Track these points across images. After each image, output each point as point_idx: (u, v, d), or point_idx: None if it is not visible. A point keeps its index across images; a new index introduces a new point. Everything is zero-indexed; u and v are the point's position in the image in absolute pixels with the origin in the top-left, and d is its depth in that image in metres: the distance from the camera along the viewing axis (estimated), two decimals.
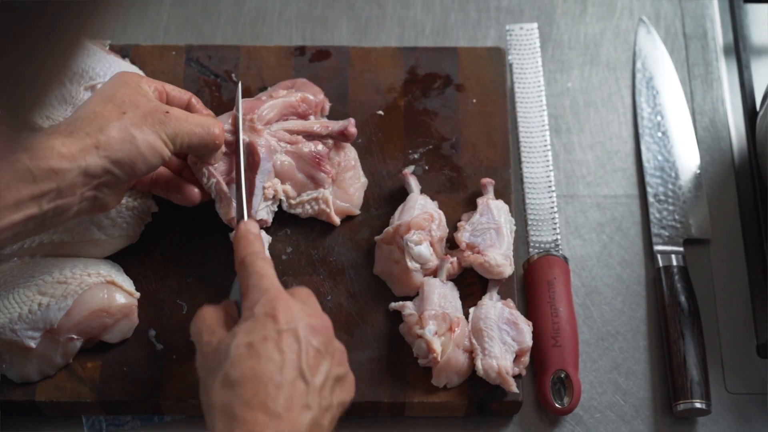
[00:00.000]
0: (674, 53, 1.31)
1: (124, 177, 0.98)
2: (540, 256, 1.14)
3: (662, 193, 1.21)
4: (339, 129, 1.13)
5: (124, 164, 0.97)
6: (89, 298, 1.06)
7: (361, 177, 1.17)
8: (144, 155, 0.98)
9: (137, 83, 1.03)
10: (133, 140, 0.97)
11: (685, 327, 1.12)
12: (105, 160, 0.96)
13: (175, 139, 1.00)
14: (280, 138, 1.11)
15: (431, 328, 1.06)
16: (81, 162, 0.94)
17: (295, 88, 1.17)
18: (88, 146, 0.95)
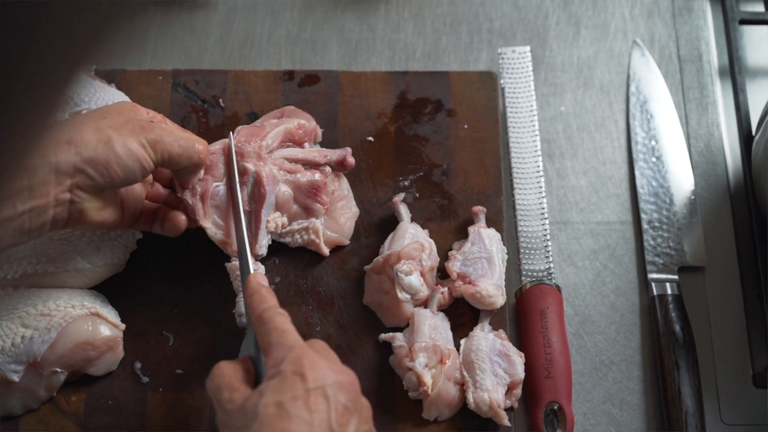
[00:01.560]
0: (669, 76, 1.29)
1: (100, 180, 0.95)
2: (532, 285, 1.13)
3: (657, 219, 1.20)
4: (338, 158, 1.12)
5: (98, 164, 0.94)
6: (73, 331, 1.04)
7: (352, 207, 1.15)
8: (119, 156, 0.95)
9: (132, 105, 1.03)
10: (108, 140, 0.95)
11: (679, 357, 1.10)
12: (76, 157, 0.93)
13: (155, 145, 0.98)
14: (281, 167, 1.10)
15: (422, 360, 1.04)
16: (51, 158, 0.92)
17: (285, 115, 1.15)
18: (61, 142, 0.93)
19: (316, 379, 0.86)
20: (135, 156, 0.96)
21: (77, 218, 0.97)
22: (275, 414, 0.84)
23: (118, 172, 0.96)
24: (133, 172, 0.97)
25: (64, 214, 0.95)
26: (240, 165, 1.07)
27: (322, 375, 0.87)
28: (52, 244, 1.08)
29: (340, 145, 1.19)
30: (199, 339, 1.09)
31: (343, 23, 1.33)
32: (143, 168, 0.97)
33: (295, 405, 0.84)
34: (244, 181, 1.07)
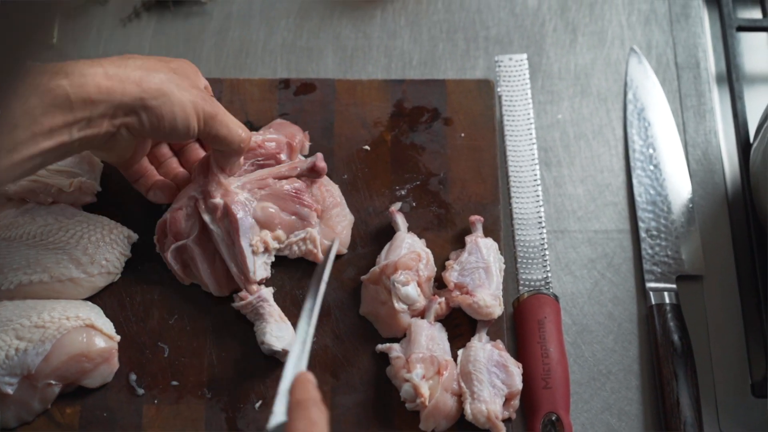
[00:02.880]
0: (666, 83, 1.29)
1: (148, 128, 0.98)
2: (530, 294, 1.12)
3: (654, 228, 1.19)
4: (308, 166, 1.12)
5: (153, 113, 0.97)
6: (68, 343, 1.03)
7: (347, 214, 1.15)
8: (174, 116, 0.98)
9: (194, 68, 1.07)
10: (171, 94, 0.98)
11: (678, 367, 1.10)
12: (139, 102, 0.96)
13: (208, 120, 1.01)
14: (251, 188, 1.09)
15: (419, 371, 1.03)
16: (118, 96, 0.95)
17: (273, 128, 1.15)
18: (130, 82, 0.96)
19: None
20: (187, 123, 0.99)
21: (110, 148, 1.01)
22: None
23: (166, 129, 0.99)
24: (177, 134, 1.00)
25: (104, 142, 0.98)
26: (209, 203, 1.08)
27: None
28: (47, 253, 1.07)
29: (336, 154, 1.18)
30: (194, 350, 1.08)
31: (339, 31, 1.33)
32: (188, 134, 1.01)
33: None
34: (218, 217, 1.07)
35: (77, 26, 1.33)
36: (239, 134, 1.05)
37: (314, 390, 0.92)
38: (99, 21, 1.33)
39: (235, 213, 1.06)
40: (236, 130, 1.04)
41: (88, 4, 1.34)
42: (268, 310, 1.07)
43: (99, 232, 1.08)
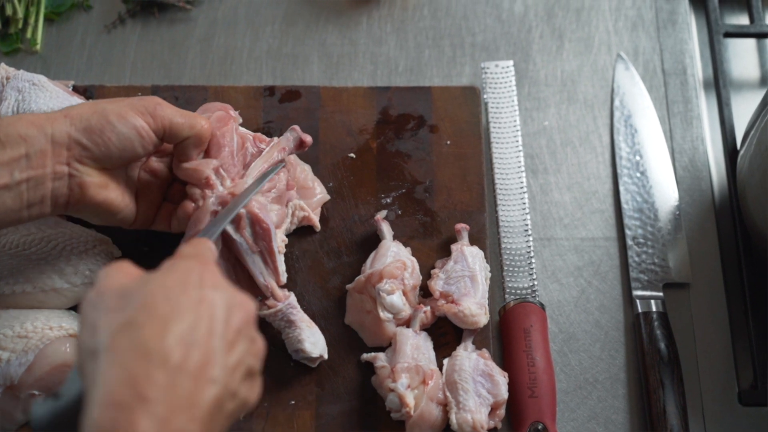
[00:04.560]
0: (653, 90, 1.28)
1: (96, 150, 0.96)
2: (516, 303, 1.12)
3: (641, 235, 1.19)
4: (295, 144, 1.10)
5: (92, 132, 0.95)
6: (51, 353, 1.03)
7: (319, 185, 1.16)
8: (113, 124, 0.96)
9: None
10: (103, 111, 0.96)
11: (664, 375, 1.09)
12: (72, 128, 0.94)
13: (154, 112, 0.98)
14: (264, 191, 1.07)
15: (404, 381, 1.03)
16: (48, 129, 0.93)
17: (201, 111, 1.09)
18: (58, 116, 0.95)
19: (213, 285, 0.78)
20: (131, 123, 0.97)
21: (78, 195, 0.97)
22: (159, 301, 0.75)
23: (113, 140, 0.96)
24: (128, 139, 0.97)
25: (65, 189, 0.96)
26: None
27: (221, 284, 0.79)
28: (30, 263, 1.06)
29: (321, 162, 1.18)
30: None
31: (324, 37, 1.32)
32: (140, 136, 0.98)
33: (184, 300, 0.75)
34: (242, 226, 1.03)
35: (61, 33, 1.32)
36: (196, 119, 1.02)
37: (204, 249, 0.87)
38: (83, 27, 1.32)
39: (266, 220, 1.04)
40: (191, 115, 1.02)
41: (72, 10, 1.33)
42: (299, 316, 1.06)
43: (83, 245, 1.07)
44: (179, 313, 0.75)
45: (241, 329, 0.78)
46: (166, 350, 0.72)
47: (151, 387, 0.70)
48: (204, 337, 0.75)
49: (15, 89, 1.13)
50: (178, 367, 0.72)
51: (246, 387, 0.80)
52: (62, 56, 1.30)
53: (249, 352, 0.80)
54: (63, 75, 1.28)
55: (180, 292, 0.76)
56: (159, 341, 0.72)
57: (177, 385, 0.72)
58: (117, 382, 0.71)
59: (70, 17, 1.33)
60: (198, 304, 0.76)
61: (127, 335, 0.73)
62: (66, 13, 1.33)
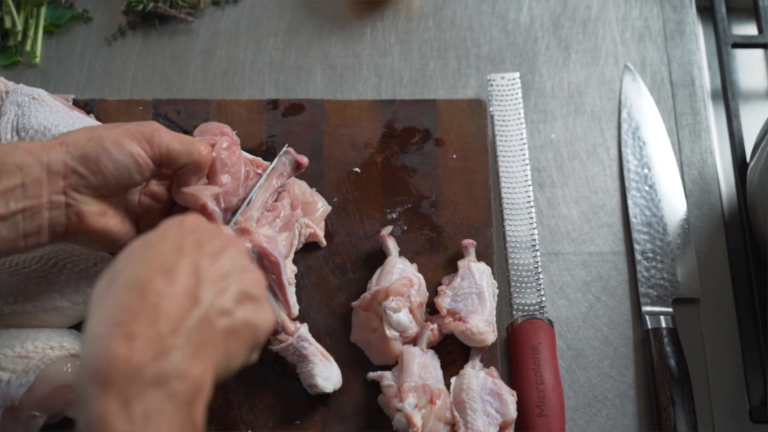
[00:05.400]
0: (661, 102, 1.27)
1: (92, 178, 0.94)
2: (524, 319, 1.10)
3: (650, 250, 1.17)
4: (292, 168, 1.08)
5: (88, 161, 0.93)
6: (52, 373, 1.01)
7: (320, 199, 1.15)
8: (109, 152, 0.94)
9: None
10: (99, 138, 0.95)
11: (675, 392, 1.08)
12: (68, 156, 0.93)
13: (151, 139, 0.96)
14: (268, 222, 1.05)
15: (411, 401, 1.01)
16: (43, 157, 0.92)
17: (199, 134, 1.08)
18: (53, 144, 0.93)
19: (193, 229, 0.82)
20: (127, 151, 0.95)
21: (76, 224, 0.95)
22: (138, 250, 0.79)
23: (110, 168, 0.94)
24: (125, 167, 0.95)
25: (62, 218, 0.94)
26: None
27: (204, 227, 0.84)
28: (30, 282, 1.05)
29: (326, 176, 1.16)
30: None
31: (328, 49, 1.31)
32: (137, 163, 0.96)
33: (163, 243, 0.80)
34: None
35: (61, 45, 1.31)
36: (194, 145, 1.00)
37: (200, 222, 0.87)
38: (83, 40, 1.31)
39: (274, 253, 1.02)
40: (189, 141, 1.00)
41: (72, 22, 1.32)
42: (311, 349, 1.04)
43: (84, 263, 1.06)
44: (159, 254, 0.78)
45: (227, 260, 0.81)
46: (143, 280, 0.75)
47: (126, 313, 0.73)
48: (184, 266, 0.77)
49: (15, 104, 1.11)
50: (157, 291, 0.75)
51: (247, 309, 0.81)
52: (62, 69, 1.29)
53: (241, 278, 0.82)
54: (63, 88, 1.26)
55: (159, 239, 0.80)
56: (136, 275, 0.76)
57: (156, 306, 0.74)
58: (96, 322, 0.74)
59: (70, 29, 1.32)
60: (178, 245, 0.79)
61: (110, 286, 0.76)
62: (66, 26, 1.32)
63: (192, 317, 0.76)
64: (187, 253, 0.79)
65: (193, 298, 0.77)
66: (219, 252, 0.81)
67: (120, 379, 0.71)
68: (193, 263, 0.78)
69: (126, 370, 0.71)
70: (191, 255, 0.79)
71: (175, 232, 0.81)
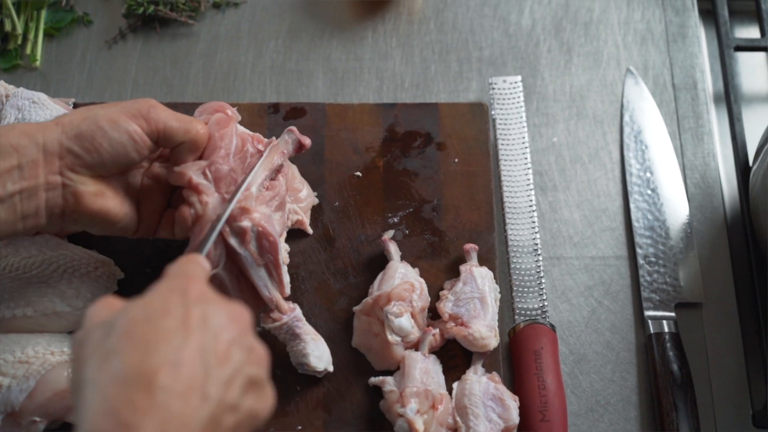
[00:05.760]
0: (663, 105, 1.27)
1: (88, 157, 0.93)
2: (526, 324, 1.10)
3: (652, 254, 1.17)
4: (294, 148, 1.07)
5: (83, 139, 0.93)
6: (53, 379, 1.01)
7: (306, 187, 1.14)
8: (104, 129, 0.93)
9: None
10: (94, 117, 0.94)
11: (677, 398, 1.08)
12: (63, 136, 0.92)
13: (148, 116, 0.95)
14: (266, 201, 1.04)
15: (413, 406, 1.01)
16: (39, 138, 0.92)
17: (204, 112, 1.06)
18: (49, 125, 0.93)
19: (199, 299, 0.75)
20: (123, 128, 0.94)
21: (73, 205, 0.95)
22: (140, 325, 0.71)
23: (105, 146, 0.94)
24: (121, 144, 0.95)
25: (59, 199, 0.94)
26: (234, 227, 1.00)
27: (208, 296, 0.76)
28: (31, 286, 1.05)
29: (327, 180, 1.16)
30: None
31: (329, 52, 1.30)
32: (133, 141, 0.95)
33: (166, 320, 0.72)
34: (247, 240, 1.00)
35: (61, 48, 1.30)
36: (191, 123, 0.99)
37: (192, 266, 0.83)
38: (84, 43, 1.31)
39: (272, 233, 1.00)
40: (186, 119, 0.99)
41: (72, 25, 1.31)
42: (304, 328, 1.04)
43: (84, 267, 1.06)
44: (162, 334, 0.71)
45: (234, 340, 0.75)
46: (149, 373, 0.69)
47: (134, 413, 0.67)
48: (191, 355, 0.71)
49: (15, 107, 1.11)
50: (165, 388, 0.69)
51: (251, 398, 0.76)
52: (62, 72, 1.28)
53: (247, 362, 0.76)
54: (63, 91, 1.26)
55: (162, 313, 0.73)
56: (140, 365, 0.69)
57: (165, 406, 0.68)
58: (98, 412, 0.68)
59: (71, 33, 1.31)
60: (182, 321, 0.73)
61: (107, 364, 0.70)
62: (66, 29, 1.31)
63: (200, 417, 0.70)
64: (193, 334, 0.73)
65: (202, 396, 0.71)
66: (224, 328, 0.75)
67: None
68: (199, 345, 0.72)
69: None
70: (197, 336, 0.73)
71: (179, 304, 0.74)
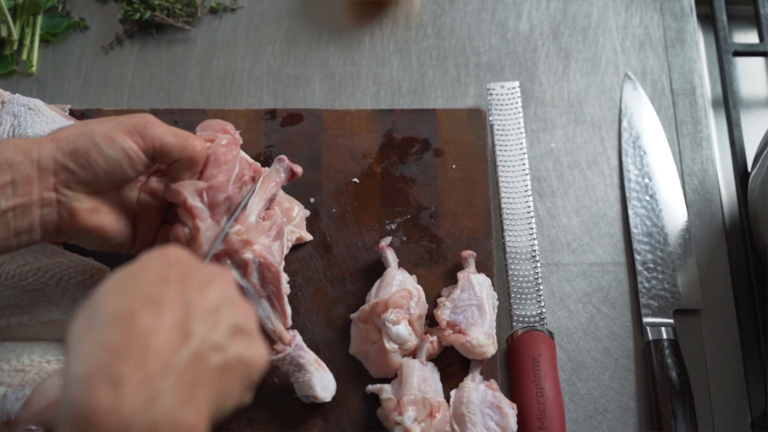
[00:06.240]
0: (661, 110, 1.26)
1: (83, 174, 0.93)
2: (524, 331, 1.09)
3: (651, 260, 1.16)
4: (287, 177, 1.07)
5: (78, 156, 0.92)
6: (48, 387, 1.00)
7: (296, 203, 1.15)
8: (99, 146, 0.92)
9: None
10: (90, 132, 0.93)
11: (676, 405, 1.07)
12: (58, 152, 0.91)
13: (144, 132, 0.94)
14: (265, 231, 1.04)
15: (410, 414, 1.00)
16: (34, 154, 0.91)
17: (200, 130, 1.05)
18: (44, 140, 0.92)
19: (178, 259, 0.76)
20: (118, 145, 0.93)
21: (68, 221, 0.94)
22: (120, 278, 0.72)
23: (100, 163, 0.93)
24: (116, 162, 0.94)
25: (54, 216, 0.93)
26: (236, 259, 1.00)
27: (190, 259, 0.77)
28: (26, 294, 1.04)
29: (324, 187, 1.15)
30: None
31: (326, 58, 1.30)
32: (129, 158, 0.94)
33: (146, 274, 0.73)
34: (249, 272, 1.00)
35: (57, 54, 1.30)
36: (189, 140, 0.98)
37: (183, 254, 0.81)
38: (80, 49, 1.30)
39: (274, 264, 1.00)
40: (183, 135, 0.98)
41: (69, 31, 1.31)
42: (307, 358, 1.02)
43: (80, 275, 1.05)
44: (143, 284, 0.72)
45: (218, 290, 0.76)
46: (129, 313, 0.69)
47: (114, 354, 0.67)
48: (172, 296, 0.72)
49: (11, 114, 1.11)
50: (144, 326, 0.69)
51: (239, 344, 0.76)
52: (58, 78, 1.28)
53: (232, 311, 0.76)
54: (59, 97, 1.25)
55: (142, 271, 0.74)
56: (120, 308, 0.70)
57: (144, 344, 0.68)
58: (80, 361, 0.68)
59: (67, 38, 1.31)
60: (162, 276, 0.73)
61: (91, 321, 0.70)
62: (62, 34, 1.31)
63: (183, 354, 0.70)
64: (172, 285, 0.73)
65: (184, 332, 0.71)
66: (207, 283, 0.76)
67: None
68: (180, 295, 0.73)
69: (113, 421, 0.65)
70: (177, 286, 0.73)
71: (158, 263, 0.75)
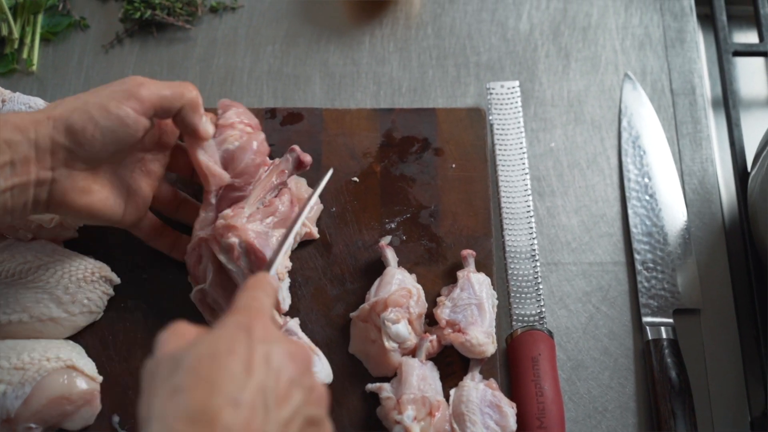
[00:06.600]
0: (661, 110, 1.26)
1: (81, 151, 0.93)
2: (524, 330, 1.09)
3: (650, 260, 1.16)
4: (294, 166, 1.08)
5: (75, 133, 0.92)
6: (48, 385, 1.01)
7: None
8: (95, 119, 0.92)
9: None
10: (84, 106, 0.93)
11: (675, 404, 1.07)
12: (54, 131, 0.91)
13: (139, 93, 0.94)
14: (261, 217, 1.05)
15: (410, 413, 1.01)
16: (32, 134, 0.91)
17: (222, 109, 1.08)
18: (41, 118, 0.92)
19: (263, 339, 0.75)
20: (114, 116, 0.93)
21: (58, 199, 0.95)
22: (206, 363, 0.72)
23: (98, 137, 0.93)
24: (113, 132, 0.94)
25: (44, 194, 0.94)
26: (222, 243, 1.02)
27: (271, 336, 0.76)
28: (26, 292, 1.05)
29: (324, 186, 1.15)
30: None
31: (326, 57, 1.30)
32: (126, 125, 0.94)
33: (231, 359, 0.73)
34: (236, 256, 1.01)
35: (58, 53, 1.30)
36: (183, 85, 0.98)
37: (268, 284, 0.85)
38: (80, 47, 1.30)
39: (261, 249, 1.01)
40: (176, 84, 0.98)
41: (69, 29, 1.31)
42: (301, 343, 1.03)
43: (81, 273, 1.05)
44: (226, 374, 0.72)
45: (294, 380, 0.76)
46: (213, 412, 0.70)
47: None
48: (252, 395, 0.72)
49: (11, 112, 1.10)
50: (226, 427, 0.69)
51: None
52: (59, 77, 1.28)
53: (307, 402, 0.77)
54: (60, 96, 1.25)
55: (227, 352, 0.74)
56: (204, 403, 0.70)
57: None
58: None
59: (67, 37, 1.31)
60: (246, 361, 0.74)
61: (174, 401, 0.71)
62: (63, 33, 1.31)
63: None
64: (255, 374, 0.73)
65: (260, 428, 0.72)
66: (285, 367, 0.76)
67: None
68: (261, 385, 0.73)
69: None
70: (259, 376, 0.74)
71: (244, 343, 0.75)
